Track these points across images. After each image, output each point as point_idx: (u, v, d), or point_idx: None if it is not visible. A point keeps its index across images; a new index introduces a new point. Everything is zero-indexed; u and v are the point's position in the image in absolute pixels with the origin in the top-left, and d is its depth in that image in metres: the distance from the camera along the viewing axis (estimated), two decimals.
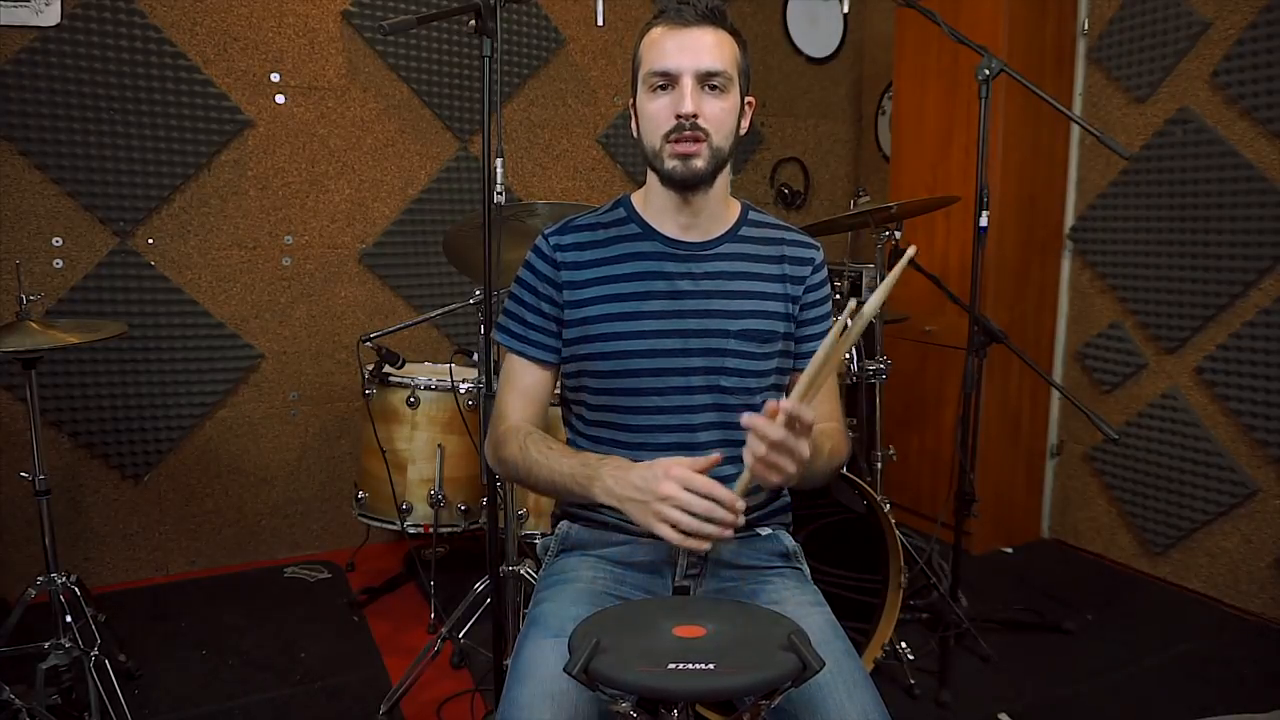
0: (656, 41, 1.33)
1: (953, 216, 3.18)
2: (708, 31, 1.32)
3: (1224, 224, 2.75)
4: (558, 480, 1.32)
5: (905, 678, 2.32)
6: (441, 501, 2.54)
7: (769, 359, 1.44)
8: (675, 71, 1.31)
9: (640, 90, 1.36)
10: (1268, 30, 2.59)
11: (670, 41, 1.32)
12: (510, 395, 1.45)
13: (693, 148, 1.32)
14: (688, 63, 1.30)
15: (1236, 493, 2.77)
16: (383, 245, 3.22)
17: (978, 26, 2.94)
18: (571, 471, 1.30)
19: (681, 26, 1.32)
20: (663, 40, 1.32)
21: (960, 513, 2.51)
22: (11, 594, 2.55)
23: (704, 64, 1.30)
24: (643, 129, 1.37)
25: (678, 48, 1.31)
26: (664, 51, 1.32)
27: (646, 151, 1.37)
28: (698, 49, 1.31)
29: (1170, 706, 2.26)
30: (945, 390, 3.32)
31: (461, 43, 3.24)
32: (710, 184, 1.38)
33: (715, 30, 1.33)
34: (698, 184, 1.36)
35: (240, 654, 2.50)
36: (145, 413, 2.92)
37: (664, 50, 1.32)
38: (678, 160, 1.33)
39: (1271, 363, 2.66)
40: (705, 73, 1.31)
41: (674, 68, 1.31)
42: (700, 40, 1.31)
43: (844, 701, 1.16)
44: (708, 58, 1.31)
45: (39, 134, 2.67)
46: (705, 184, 1.37)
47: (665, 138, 1.33)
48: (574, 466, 1.30)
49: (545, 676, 1.17)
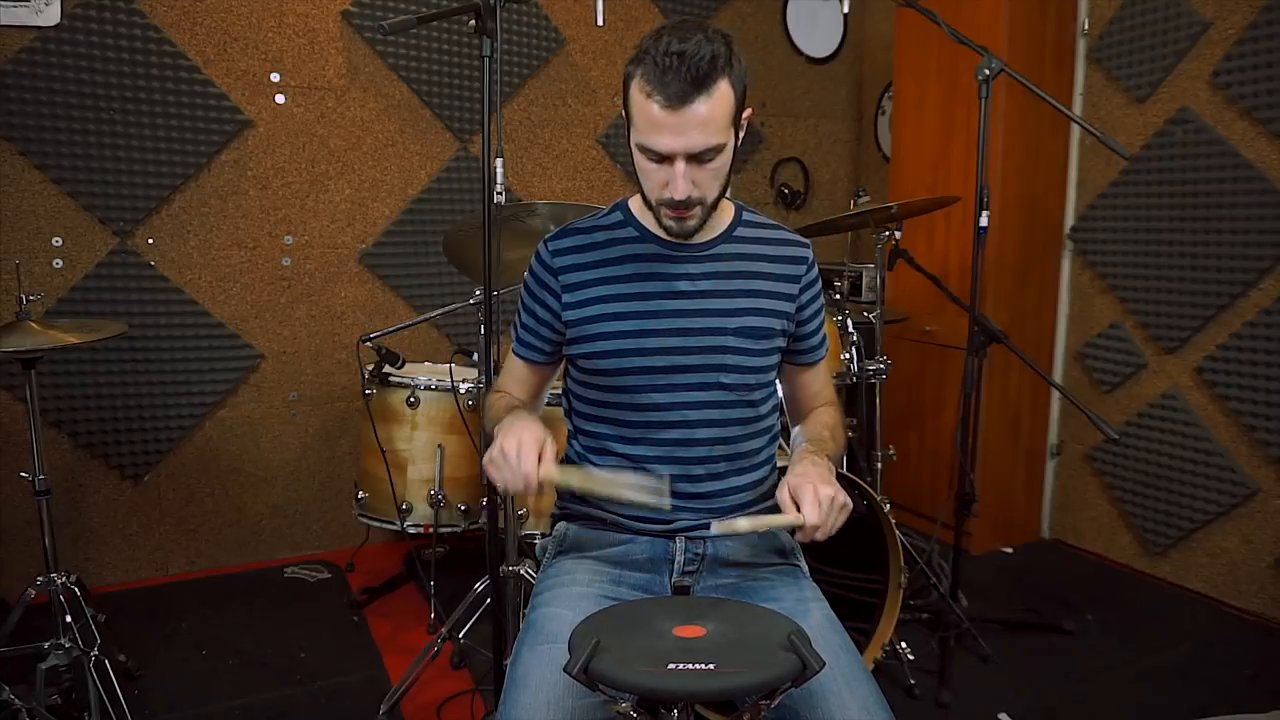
0: (648, 116, 1.26)
1: (953, 216, 3.18)
2: (699, 105, 1.24)
3: (1224, 224, 2.75)
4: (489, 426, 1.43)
5: (905, 678, 2.32)
6: (441, 501, 2.54)
7: (768, 355, 1.46)
8: (668, 153, 1.28)
9: (632, 139, 1.33)
10: (1268, 30, 2.59)
11: (664, 124, 1.25)
12: (507, 378, 1.58)
13: (686, 214, 1.35)
14: (680, 146, 1.27)
15: (1236, 493, 2.77)
16: (383, 245, 3.22)
17: (978, 26, 2.94)
18: (497, 418, 1.40)
19: (673, 110, 1.24)
20: (655, 120, 1.26)
21: (960, 513, 2.51)
22: (11, 594, 2.56)
23: (696, 145, 1.27)
24: (639, 175, 1.37)
25: (672, 132, 1.26)
26: (656, 131, 1.27)
27: (643, 194, 1.39)
28: (689, 130, 1.25)
29: (1170, 706, 2.26)
30: (945, 390, 3.32)
31: (461, 43, 3.24)
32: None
33: (708, 99, 1.24)
34: (694, 235, 1.40)
35: (240, 654, 2.49)
36: (145, 413, 2.92)
37: (656, 130, 1.27)
38: (673, 223, 1.36)
39: (1272, 363, 2.66)
40: (698, 152, 1.28)
41: (666, 150, 1.28)
42: (692, 119, 1.24)
43: (844, 696, 1.17)
44: (700, 137, 1.26)
45: (39, 134, 2.67)
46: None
47: (660, 201, 1.34)
48: (501, 414, 1.40)
49: (543, 682, 1.18)
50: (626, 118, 1.34)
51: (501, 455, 1.22)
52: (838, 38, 4.05)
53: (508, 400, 1.51)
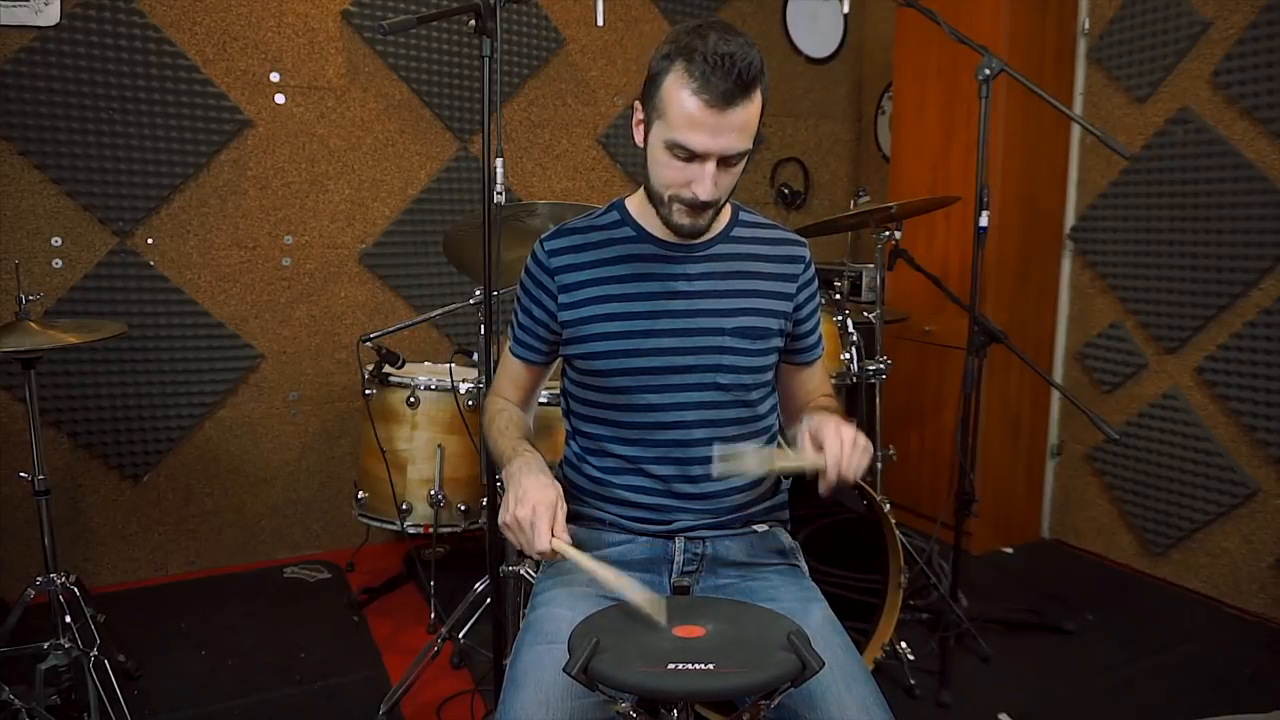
0: (687, 113, 1.24)
1: (953, 216, 3.17)
2: (741, 110, 1.24)
3: (1224, 224, 2.75)
4: (493, 452, 1.47)
5: (905, 678, 2.32)
6: (441, 501, 2.54)
7: (765, 355, 1.46)
8: (703, 153, 1.27)
9: (656, 134, 1.30)
10: (1268, 30, 2.59)
11: (705, 123, 1.24)
12: (503, 376, 1.59)
13: (703, 214, 1.34)
14: (717, 147, 1.26)
15: (1237, 493, 2.77)
16: (383, 245, 3.22)
17: (978, 26, 2.94)
18: (500, 451, 1.43)
19: (718, 110, 1.23)
20: (697, 117, 1.24)
21: (960, 513, 2.51)
22: (11, 594, 2.56)
23: (732, 148, 1.27)
24: (652, 171, 1.35)
25: (710, 133, 1.25)
26: (694, 129, 1.25)
27: (652, 189, 1.37)
28: (729, 133, 1.25)
29: (1170, 706, 2.25)
30: (945, 390, 3.32)
31: (461, 43, 3.24)
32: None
33: (749, 104, 1.25)
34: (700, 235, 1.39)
35: (240, 654, 2.49)
36: (145, 413, 2.92)
37: (694, 128, 1.25)
38: (684, 219, 1.35)
39: (1272, 363, 2.65)
40: (730, 155, 1.29)
41: (702, 149, 1.27)
42: (733, 122, 1.25)
43: (843, 696, 1.17)
44: (736, 141, 1.27)
45: (39, 134, 2.67)
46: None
47: (675, 198, 1.33)
48: (504, 448, 1.41)
49: (542, 683, 1.17)
50: (650, 110, 1.31)
51: (517, 524, 1.22)
52: (838, 38, 4.05)
53: (508, 415, 1.51)
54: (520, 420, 1.52)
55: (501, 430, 1.46)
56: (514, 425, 1.48)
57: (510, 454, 1.37)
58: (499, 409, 1.53)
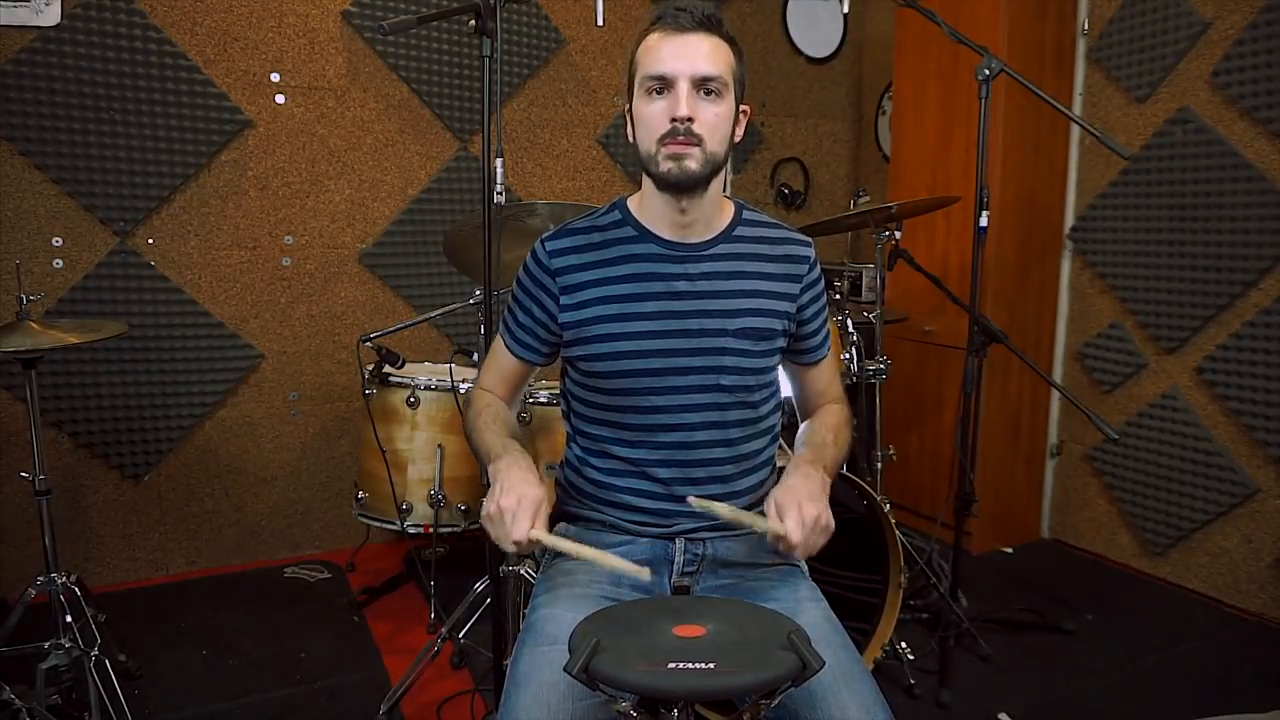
0: (653, 47, 1.34)
1: (953, 216, 3.17)
2: (704, 38, 1.33)
3: (1224, 224, 2.75)
4: (479, 450, 1.45)
5: (905, 678, 2.32)
6: (441, 501, 2.54)
7: (768, 357, 1.46)
8: (671, 76, 1.32)
9: (636, 94, 1.37)
10: (1268, 30, 2.59)
11: (667, 47, 1.33)
12: (491, 370, 1.58)
13: (686, 149, 1.32)
14: (684, 67, 1.31)
15: (1236, 493, 2.77)
16: (383, 245, 3.22)
17: (978, 26, 2.94)
18: (487, 446, 1.41)
19: (678, 32, 1.33)
20: (659, 45, 1.33)
21: (960, 513, 2.51)
22: (11, 594, 2.56)
23: (700, 69, 1.32)
24: (638, 133, 1.38)
25: (674, 53, 1.32)
26: (660, 56, 1.33)
27: (642, 155, 1.38)
28: (694, 54, 1.32)
29: (1170, 706, 2.26)
30: (945, 390, 3.32)
31: (461, 43, 3.24)
32: (705, 188, 1.38)
33: (711, 37, 1.34)
34: (692, 186, 1.36)
35: (240, 654, 2.50)
36: (145, 413, 2.92)
37: (660, 55, 1.33)
38: (672, 162, 1.33)
39: (1272, 363, 2.66)
40: (701, 78, 1.32)
41: (670, 72, 1.32)
42: (697, 46, 1.32)
43: (844, 696, 1.17)
44: (704, 63, 1.32)
45: (39, 134, 2.67)
46: (700, 187, 1.37)
47: (660, 141, 1.33)
48: (491, 443, 1.40)
49: (543, 683, 1.18)
50: (630, 87, 1.38)
51: (499, 513, 1.21)
52: (838, 38, 4.05)
53: (494, 410, 1.50)
54: (507, 417, 1.51)
55: (488, 424, 1.45)
56: (500, 421, 1.47)
57: (499, 450, 1.36)
58: (485, 403, 1.52)
